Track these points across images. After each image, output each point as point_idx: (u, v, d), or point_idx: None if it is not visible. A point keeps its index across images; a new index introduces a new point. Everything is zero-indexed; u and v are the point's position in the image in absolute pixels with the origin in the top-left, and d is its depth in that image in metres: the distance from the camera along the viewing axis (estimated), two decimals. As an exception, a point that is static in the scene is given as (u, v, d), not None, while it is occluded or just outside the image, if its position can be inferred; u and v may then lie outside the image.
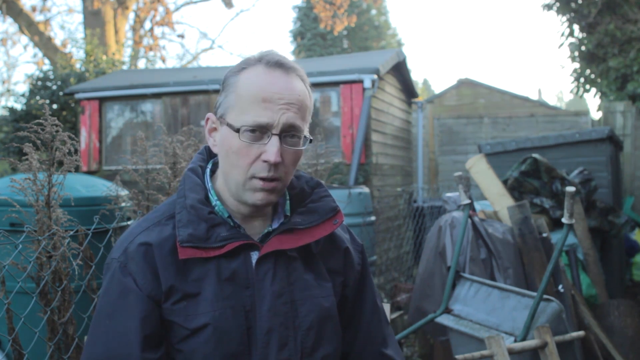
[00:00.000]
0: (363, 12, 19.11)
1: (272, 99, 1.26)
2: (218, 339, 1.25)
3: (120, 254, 1.30)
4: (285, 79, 1.29)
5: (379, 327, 1.47)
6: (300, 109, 1.29)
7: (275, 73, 1.29)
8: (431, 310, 3.54)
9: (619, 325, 4.20)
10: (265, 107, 1.26)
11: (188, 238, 1.27)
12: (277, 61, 1.30)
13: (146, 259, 1.28)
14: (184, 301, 1.27)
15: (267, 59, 1.30)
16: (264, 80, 1.27)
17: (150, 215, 1.38)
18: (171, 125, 6.85)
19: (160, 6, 15.82)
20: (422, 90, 31.51)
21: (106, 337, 1.26)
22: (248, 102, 1.27)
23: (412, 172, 8.58)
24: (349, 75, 6.30)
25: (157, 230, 1.32)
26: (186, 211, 1.31)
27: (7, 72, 25.93)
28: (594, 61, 9.94)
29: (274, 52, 1.33)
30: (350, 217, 4.73)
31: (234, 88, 1.30)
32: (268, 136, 1.26)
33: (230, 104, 1.30)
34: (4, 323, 2.28)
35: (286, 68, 1.30)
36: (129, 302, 1.26)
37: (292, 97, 1.27)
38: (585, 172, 5.15)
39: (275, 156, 1.25)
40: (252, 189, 1.29)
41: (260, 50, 1.36)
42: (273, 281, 1.30)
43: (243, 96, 1.28)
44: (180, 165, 3.07)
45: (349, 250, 1.46)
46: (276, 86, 1.27)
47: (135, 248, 1.29)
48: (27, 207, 2.41)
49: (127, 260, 1.29)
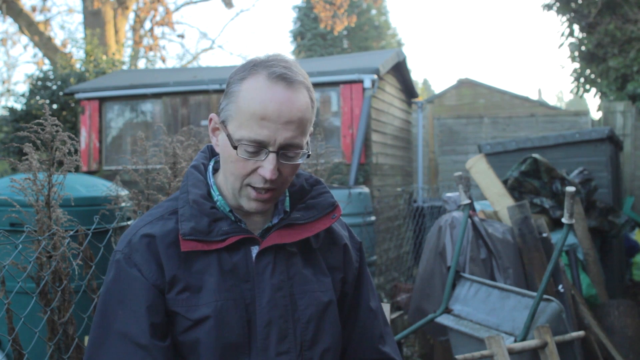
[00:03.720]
0: (363, 12, 19.10)
1: (271, 118, 1.24)
2: (219, 330, 1.28)
3: (124, 246, 1.33)
4: (286, 95, 1.25)
5: (376, 324, 1.49)
6: (299, 125, 1.27)
7: (277, 87, 1.25)
8: (431, 310, 3.54)
9: (619, 325, 4.20)
10: (263, 125, 1.24)
11: (190, 231, 1.30)
12: (280, 74, 1.26)
13: (149, 250, 1.31)
14: (187, 292, 1.30)
15: (271, 70, 1.27)
16: (264, 96, 1.25)
17: (153, 211, 1.41)
18: (171, 125, 6.85)
19: (160, 6, 15.82)
20: (422, 90, 31.50)
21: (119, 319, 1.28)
22: (247, 118, 1.26)
23: (412, 172, 8.57)
24: (349, 75, 6.30)
25: (160, 224, 1.35)
26: (189, 206, 1.34)
27: (7, 72, 25.93)
28: (594, 61, 9.94)
29: (279, 60, 1.30)
30: (350, 217, 4.73)
31: (235, 98, 1.29)
32: (265, 153, 1.27)
33: (231, 114, 1.30)
34: (4, 323, 2.28)
35: (289, 82, 1.26)
36: (135, 290, 1.29)
37: (291, 115, 1.25)
38: (585, 172, 5.15)
39: (271, 173, 1.27)
40: (246, 196, 1.32)
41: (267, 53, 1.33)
42: (272, 275, 1.33)
43: (242, 110, 1.27)
44: (180, 165, 3.07)
45: (347, 247, 1.48)
46: (276, 103, 1.24)
47: (139, 239, 1.32)
48: (27, 207, 2.41)
49: (131, 251, 1.31)
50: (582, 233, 4.59)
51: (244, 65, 1.33)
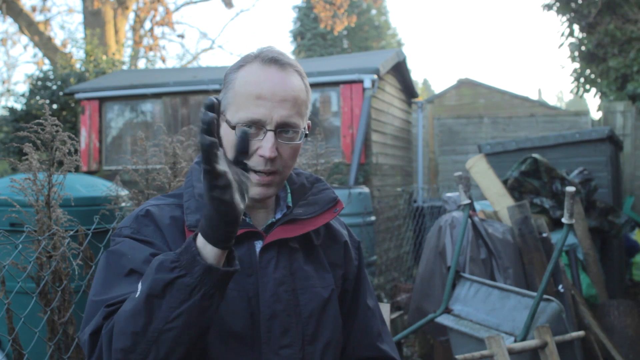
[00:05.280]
0: (363, 12, 19.11)
1: (266, 96, 1.29)
2: (223, 320, 1.28)
3: (131, 222, 1.32)
4: (280, 75, 1.31)
5: (374, 322, 1.51)
6: (295, 104, 1.32)
7: (270, 69, 1.31)
8: (431, 310, 3.54)
9: (619, 325, 4.20)
10: (259, 104, 1.29)
11: (196, 223, 1.30)
12: (272, 57, 1.32)
13: (158, 225, 1.31)
14: None
15: (263, 55, 1.33)
16: (258, 77, 1.30)
17: (159, 198, 1.41)
18: (171, 125, 6.85)
19: (160, 6, 15.82)
20: (422, 90, 31.50)
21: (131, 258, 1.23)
22: (243, 99, 1.30)
23: (412, 172, 8.58)
24: (349, 75, 6.30)
25: (168, 209, 1.35)
26: (194, 199, 1.35)
27: (7, 72, 25.92)
28: (594, 61, 9.94)
29: (271, 48, 1.36)
30: (350, 217, 4.73)
31: (232, 85, 1.34)
32: (264, 132, 1.30)
33: (229, 101, 1.33)
34: (4, 323, 2.28)
35: (282, 64, 1.32)
36: (144, 251, 1.25)
37: (286, 94, 1.30)
38: (585, 172, 5.15)
39: (270, 151, 1.28)
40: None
41: (259, 47, 1.38)
42: (276, 269, 1.34)
43: (239, 93, 1.31)
44: (180, 165, 3.07)
45: (347, 245, 1.50)
46: (270, 82, 1.30)
47: (147, 213, 1.32)
48: (27, 207, 2.41)
49: (140, 226, 1.30)
50: (582, 233, 4.59)
51: (238, 61, 1.38)
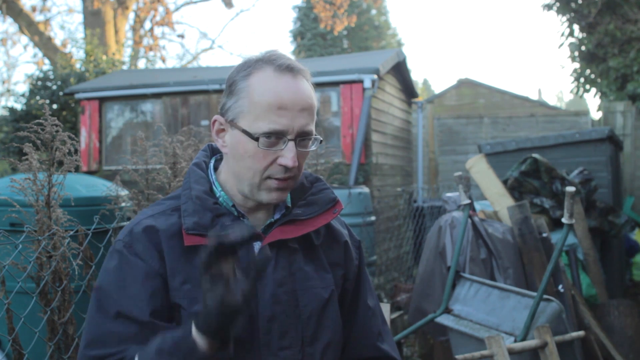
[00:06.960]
0: (363, 12, 19.10)
1: (287, 106, 1.29)
2: None
3: (125, 235, 1.34)
4: (295, 84, 1.31)
5: (374, 322, 1.51)
6: (311, 112, 1.33)
7: (286, 77, 1.31)
8: (431, 310, 3.54)
9: (619, 325, 4.20)
10: (281, 114, 1.29)
11: (194, 226, 1.31)
12: (287, 65, 1.32)
13: (151, 240, 1.31)
14: (189, 284, 1.30)
15: (277, 62, 1.32)
16: (277, 86, 1.30)
17: (155, 206, 1.42)
18: (171, 125, 6.85)
19: (160, 6, 15.81)
20: (422, 90, 31.49)
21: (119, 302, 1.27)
22: (263, 109, 1.29)
23: (412, 172, 8.58)
24: (349, 75, 6.30)
25: (163, 218, 1.36)
26: (192, 202, 1.35)
27: (7, 72, 25.91)
28: (594, 61, 9.94)
29: (280, 54, 1.35)
30: (350, 217, 4.72)
31: (246, 93, 1.32)
32: (284, 142, 1.30)
33: (243, 110, 1.32)
34: (4, 323, 2.28)
35: (295, 72, 1.33)
36: (137, 276, 1.29)
37: (305, 103, 1.31)
38: (585, 172, 5.15)
39: (292, 161, 1.30)
40: (267, 188, 1.33)
41: (262, 51, 1.37)
42: (275, 270, 1.34)
43: (257, 103, 1.30)
44: (180, 165, 3.07)
45: (348, 244, 1.50)
46: (289, 92, 1.30)
47: (141, 230, 1.33)
48: (27, 207, 2.41)
49: (133, 241, 1.32)
50: (582, 233, 4.59)
51: (244, 64, 1.36)
